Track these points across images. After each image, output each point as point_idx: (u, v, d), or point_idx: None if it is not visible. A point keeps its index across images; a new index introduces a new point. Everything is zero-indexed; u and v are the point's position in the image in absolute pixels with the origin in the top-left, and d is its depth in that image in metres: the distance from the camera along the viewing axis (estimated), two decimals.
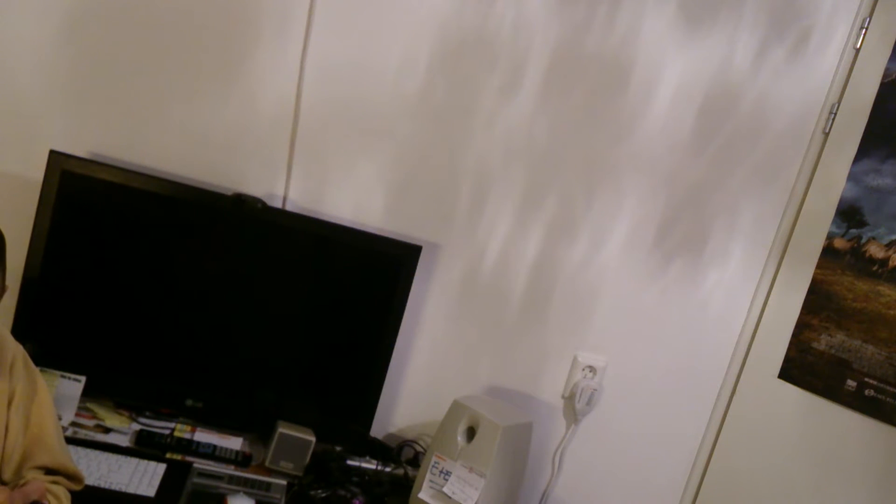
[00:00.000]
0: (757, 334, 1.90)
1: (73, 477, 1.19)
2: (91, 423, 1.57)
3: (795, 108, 1.85)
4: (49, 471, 1.15)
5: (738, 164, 1.86)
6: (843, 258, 1.73)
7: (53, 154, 1.51)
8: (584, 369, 1.90)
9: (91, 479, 1.37)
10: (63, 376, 1.54)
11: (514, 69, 1.75)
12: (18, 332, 1.53)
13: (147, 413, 1.64)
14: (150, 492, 1.40)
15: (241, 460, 1.60)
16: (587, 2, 1.73)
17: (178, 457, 1.55)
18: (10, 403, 1.09)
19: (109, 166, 1.55)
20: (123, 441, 1.55)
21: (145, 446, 1.55)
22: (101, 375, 1.59)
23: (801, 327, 1.79)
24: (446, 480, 1.53)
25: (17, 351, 1.14)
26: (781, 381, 1.80)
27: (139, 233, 1.59)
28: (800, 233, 1.85)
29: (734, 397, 1.92)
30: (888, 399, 1.61)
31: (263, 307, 1.66)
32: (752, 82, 1.83)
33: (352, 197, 1.75)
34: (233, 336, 1.66)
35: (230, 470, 1.56)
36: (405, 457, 1.78)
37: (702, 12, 1.78)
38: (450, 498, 1.52)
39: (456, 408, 1.59)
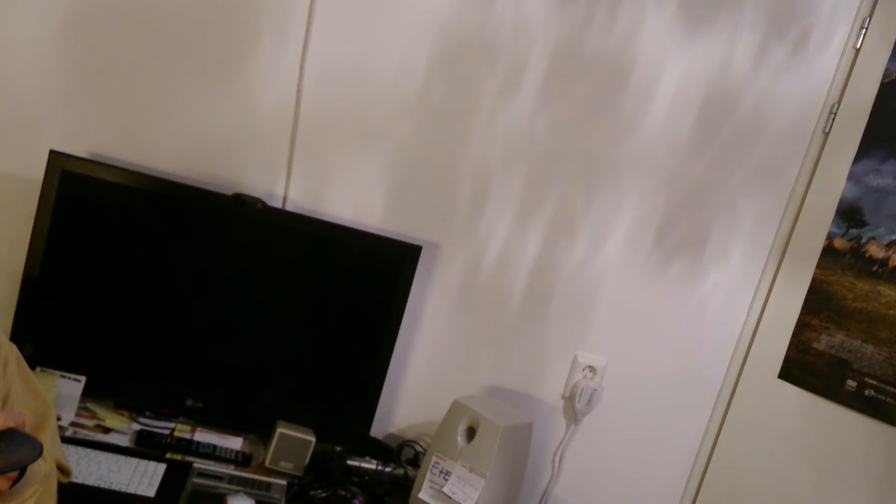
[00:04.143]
0: (757, 334, 1.90)
1: (63, 470, 1.20)
2: (91, 423, 1.57)
3: (795, 108, 1.85)
4: None
5: (738, 164, 1.87)
6: (843, 258, 1.73)
7: (53, 154, 1.51)
8: (584, 369, 1.90)
9: (91, 479, 1.38)
10: (63, 376, 1.54)
11: (514, 69, 1.75)
12: (18, 332, 1.54)
13: (147, 413, 1.64)
14: (150, 492, 1.40)
15: (241, 460, 1.60)
16: (587, 2, 1.73)
17: (178, 457, 1.55)
18: (4, 403, 1.09)
19: (109, 166, 1.55)
20: (123, 441, 1.55)
21: (145, 446, 1.55)
22: (101, 375, 1.59)
23: (801, 327, 1.79)
24: (446, 480, 1.53)
25: (10, 351, 1.14)
26: (781, 381, 1.80)
27: (139, 233, 1.59)
28: (800, 233, 1.85)
29: (734, 397, 1.92)
30: (888, 399, 1.61)
31: (263, 307, 1.66)
32: (752, 82, 1.83)
33: (352, 197, 1.75)
34: (233, 336, 1.66)
35: (230, 470, 1.56)
36: (405, 457, 1.78)
37: (702, 12, 1.78)
38: (450, 498, 1.52)
39: (456, 408, 1.59)
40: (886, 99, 1.72)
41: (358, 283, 1.70)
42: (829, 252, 1.76)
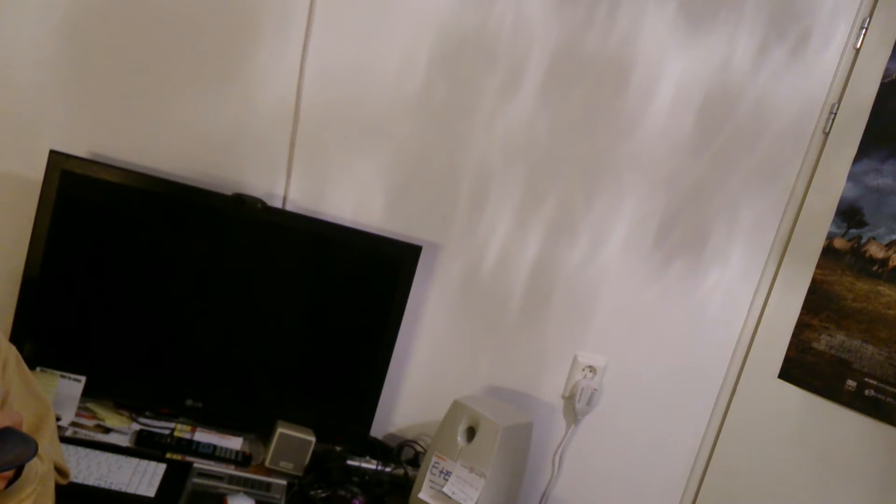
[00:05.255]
0: (757, 334, 1.90)
1: (61, 471, 1.20)
2: (91, 423, 1.57)
3: (795, 108, 1.85)
4: None
5: (738, 164, 1.87)
6: (843, 258, 1.73)
7: (53, 154, 1.51)
8: (584, 369, 1.90)
9: (91, 479, 1.38)
10: (63, 376, 1.54)
11: (514, 69, 1.75)
12: (18, 332, 1.54)
13: (147, 413, 1.64)
14: (150, 492, 1.40)
15: (241, 460, 1.60)
16: (587, 2, 1.73)
17: (178, 457, 1.55)
18: (2, 403, 1.09)
19: (109, 166, 1.55)
20: (123, 441, 1.55)
21: (145, 446, 1.55)
22: (101, 375, 1.59)
23: (801, 327, 1.79)
24: (446, 480, 1.53)
25: (9, 352, 1.14)
26: (781, 381, 1.80)
27: (139, 233, 1.59)
28: (800, 233, 1.85)
29: (734, 397, 1.92)
30: (888, 399, 1.61)
31: (263, 307, 1.66)
32: (752, 82, 1.83)
33: (352, 197, 1.75)
34: (233, 336, 1.66)
35: (230, 470, 1.56)
36: (405, 457, 1.78)
37: (702, 12, 1.78)
38: (450, 498, 1.52)
39: (456, 408, 1.59)
40: (886, 99, 1.72)
41: (358, 283, 1.70)
42: (829, 252, 1.76)
